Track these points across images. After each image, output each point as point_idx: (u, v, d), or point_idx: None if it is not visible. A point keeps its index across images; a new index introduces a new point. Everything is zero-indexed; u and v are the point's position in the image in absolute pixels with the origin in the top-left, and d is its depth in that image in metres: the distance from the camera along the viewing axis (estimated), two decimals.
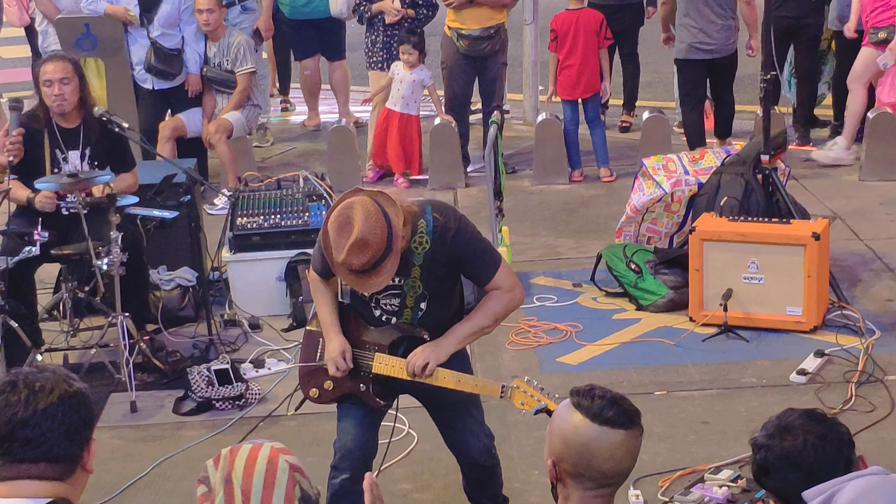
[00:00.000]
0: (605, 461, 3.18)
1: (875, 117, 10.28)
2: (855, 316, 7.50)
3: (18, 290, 7.09)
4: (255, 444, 3.10)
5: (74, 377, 3.05)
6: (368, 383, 5.00)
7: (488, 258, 4.89)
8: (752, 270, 7.44)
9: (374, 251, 4.53)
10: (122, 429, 6.65)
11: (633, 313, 7.86)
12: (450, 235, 4.78)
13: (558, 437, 3.22)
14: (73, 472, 2.97)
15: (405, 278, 4.82)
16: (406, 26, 10.66)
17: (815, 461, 3.40)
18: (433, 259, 4.79)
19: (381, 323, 4.98)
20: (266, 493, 2.97)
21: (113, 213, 6.87)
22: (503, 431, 6.16)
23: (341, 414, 5.15)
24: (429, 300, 4.90)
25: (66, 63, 7.18)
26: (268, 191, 8.33)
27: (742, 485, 5.53)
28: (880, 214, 9.44)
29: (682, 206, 8.42)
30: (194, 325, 7.84)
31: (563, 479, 3.24)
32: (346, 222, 4.53)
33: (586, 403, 3.21)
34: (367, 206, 4.55)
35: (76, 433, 2.96)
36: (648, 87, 13.10)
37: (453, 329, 4.93)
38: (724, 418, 6.45)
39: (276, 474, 2.99)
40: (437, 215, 4.79)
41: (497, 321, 5.00)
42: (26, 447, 2.91)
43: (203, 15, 10.08)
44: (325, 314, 5.03)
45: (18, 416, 2.91)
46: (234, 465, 3.05)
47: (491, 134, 8.49)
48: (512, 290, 4.92)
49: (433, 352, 4.86)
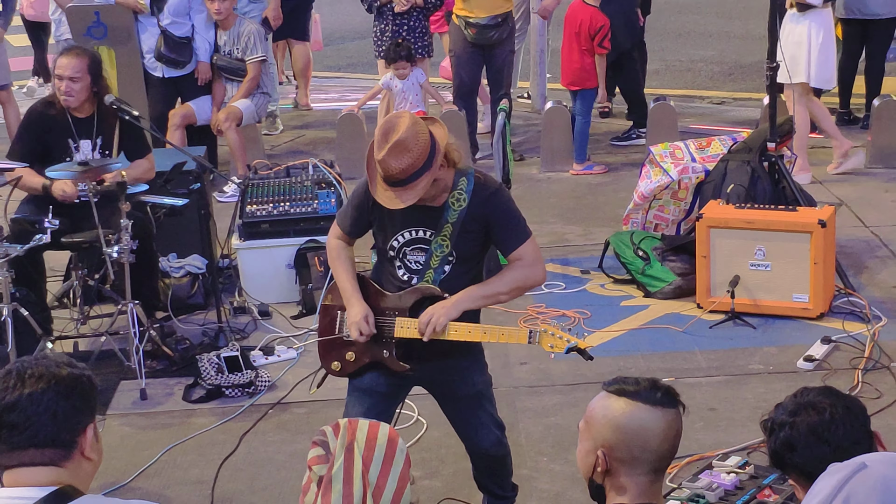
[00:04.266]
0: (662, 441, 3.14)
1: (880, 105, 10.26)
2: (861, 303, 7.47)
3: (29, 278, 7.08)
4: (372, 422, 3.18)
5: (76, 364, 3.02)
6: (391, 348, 4.93)
7: (520, 228, 4.89)
8: (759, 257, 7.40)
9: (414, 158, 4.59)
10: (131, 416, 6.62)
11: (640, 300, 7.84)
12: (487, 193, 4.82)
13: (608, 427, 3.16)
14: (70, 457, 2.95)
15: (436, 234, 4.81)
16: (414, 15, 10.60)
17: (843, 435, 3.34)
18: (467, 217, 4.80)
19: (402, 283, 4.93)
20: (385, 466, 3.06)
21: (123, 200, 6.83)
22: (512, 419, 6.13)
23: (349, 407, 5.09)
24: (453, 264, 4.86)
25: (80, 60, 7.12)
26: (277, 178, 8.30)
27: (750, 471, 5.49)
28: (886, 201, 9.41)
29: (689, 193, 8.39)
30: (204, 312, 7.82)
31: (613, 470, 3.17)
32: (392, 126, 4.64)
33: (632, 389, 3.19)
34: (416, 119, 4.69)
35: (65, 418, 2.93)
36: (655, 76, 13.04)
37: (469, 289, 4.86)
38: (732, 405, 6.42)
39: (394, 453, 3.09)
40: (479, 176, 4.87)
41: (513, 291, 4.93)
42: (13, 432, 2.90)
43: (214, 4, 10.07)
44: (344, 281, 4.98)
45: (5, 400, 2.91)
46: (355, 436, 3.14)
47: (499, 122, 8.47)
48: (534, 265, 4.88)
49: (445, 308, 4.80)
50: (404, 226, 4.84)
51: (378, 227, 4.92)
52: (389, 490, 2.99)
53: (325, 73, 14.88)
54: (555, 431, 6.20)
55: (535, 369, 6.89)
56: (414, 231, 4.84)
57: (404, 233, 4.85)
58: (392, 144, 4.58)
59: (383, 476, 3.02)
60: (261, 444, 6.27)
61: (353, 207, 4.97)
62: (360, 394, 5.05)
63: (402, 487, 3.01)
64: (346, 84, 14.25)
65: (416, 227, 4.83)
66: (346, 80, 14.58)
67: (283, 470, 5.98)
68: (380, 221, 4.89)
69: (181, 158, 7.67)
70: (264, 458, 6.13)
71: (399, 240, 4.86)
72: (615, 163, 10.73)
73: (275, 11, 11.33)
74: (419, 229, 4.84)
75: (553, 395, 6.58)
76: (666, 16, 15.88)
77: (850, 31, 11.16)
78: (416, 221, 4.82)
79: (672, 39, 15.44)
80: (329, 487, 3.06)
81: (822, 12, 9.78)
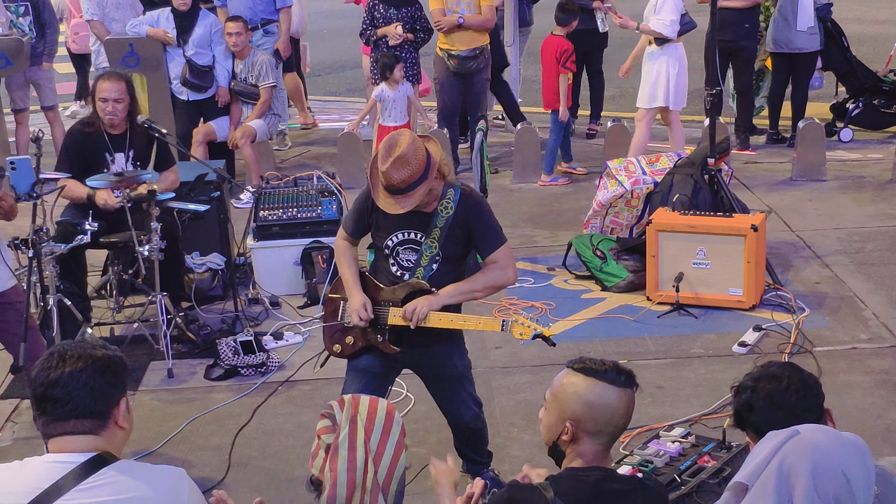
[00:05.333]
0: (622, 417, 3.19)
1: (804, 126, 10.26)
2: (788, 296, 7.47)
3: (72, 273, 7.06)
4: (372, 397, 3.19)
5: (108, 346, 3.04)
6: (385, 333, 4.95)
7: (497, 235, 4.90)
8: (700, 257, 7.41)
9: (413, 171, 4.60)
10: (160, 392, 6.60)
11: (598, 293, 7.83)
12: (471, 204, 4.85)
13: (579, 402, 3.17)
14: (106, 426, 2.95)
15: (426, 237, 4.81)
16: (405, 47, 10.58)
17: (795, 402, 3.33)
18: (453, 223, 4.80)
19: (395, 279, 4.92)
20: (384, 435, 3.07)
21: (153, 206, 6.81)
22: (487, 395, 6.12)
23: (347, 385, 5.08)
24: (440, 262, 4.86)
25: (121, 84, 7.08)
26: (286, 188, 8.28)
27: (692, 440, 5.48)
28: (809, 209, 9.41)
29: (640, 201, 8.39)
30: (222, 302, 7.79)
31: (579, 438, 3.18)
32: (395, 143, 4.65)
33: (598, 369, 3.20)
34: (414, 137, 4.70)
35: (101, 393, 2.95)
36: (612, 101, 13.03)
37: (449, 286, 4.88)
38: (676, 383, 6.42)
39: (392, 424, 3.11)
40: (465, 188, 4.89)
41: (486, 290, 4.95)
42: (56, 405, 2.92)
43: (232, 37, 10.06)
44: (347, 275, 4.99)
45: (49, 378, 2.93)
46: (358, 409, 3.14)
47: (477, 139, 8.45)
48: (506, 268, 4.89)
49: (428, 301, 4.81)
50: (399, 228, 4.84)
51: (376, 229, 4.93)
52: (388, 455, 3.00)
53: (327, 98, 14.82)
54: (525, 406, 6.20)
55: (507, 353, 6.88)
56: (407, 233, 4.84)
57: (398, 234, 4.85)
58: (395, 158, 4.59)
59: (382, 444, 3.03)
60: (271, 416, 6.25)
61: (355, 212, 4.97)
62: (357, 373, 5.05)
63: (399, 453, 3.02)
64: (344, 107, 14.20)
65: (409, 229, 4.83)
66: (344, 103, 14.53)
67: (291, 438, 5.97)
68: (377, 224, 4.90)
69: (203, 170, 7.66)
70: (274, 428, 6.11)
71: (393, 240, 4.86)
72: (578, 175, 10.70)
73: (284, 44, 11.28)
74: (411, 231, 4.84)
75: (523, 375, 6.57)
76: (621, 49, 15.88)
77: (778, 63, 11.18)
78: (408, 225, 4.82)
79: None
80: (336, 454, 3.07)
81: (676, 46, 9.83)
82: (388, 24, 10.57)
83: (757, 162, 10.78)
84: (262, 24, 10.98)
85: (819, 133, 10.24)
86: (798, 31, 10.87)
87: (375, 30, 10.68)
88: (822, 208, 9.40)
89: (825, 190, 9.91)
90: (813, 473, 2.95)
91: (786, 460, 2.99)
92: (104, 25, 10.84)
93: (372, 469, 3.01)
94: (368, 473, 3.01)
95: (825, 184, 10.06)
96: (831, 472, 2.99)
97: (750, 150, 11.14)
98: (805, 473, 2.95)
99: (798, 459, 2.99)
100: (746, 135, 11.26)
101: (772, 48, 11.09)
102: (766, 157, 10.97)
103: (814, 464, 2.97)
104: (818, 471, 2.96)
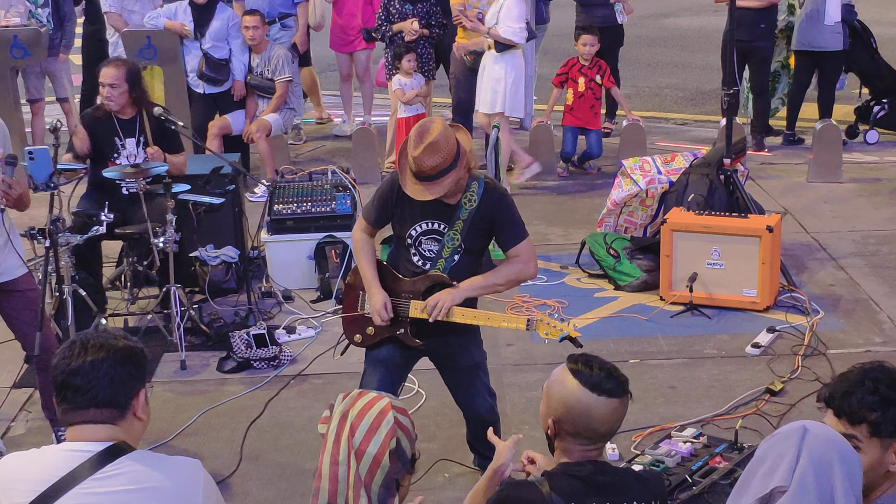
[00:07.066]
0: (601, 424, 3.18)
1: (821, 127, 10.21)
2: (802, 298, 7.47)
3: (87, 263, 7.11)
4: (378, 395, 3.18)
5: (129, 337, 3.05)
6: (406, 326, 4.96)
7: (519, 228, 4.92)
8: (715, 257, 7.41)
9: (444, 158, 4.61)
10: (173, 383, 6.63)
11: (611, 292, 7.83)
12: (495, 197, 4.85)
13: (560, 403, 3.19)
14: (124, 416, 2.97)
15: (448, 228, 4.81)
16: (421, 42, 10.59)
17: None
18: (476, 215, 4.81)
19: (416, 269, 4.92)
20: (368, 434, 3.05)
21: (168, 198, 6.84)
22: (499, 392, 6.09)
23: (366, 375, 5.10)
24: (462, 254, 4.86)
25: (118, 70, 7.21)
26: (301, 182, 8.29)
27: (703, 441, 5.50)
28: (824, 211, 9.39)
29: (655, 201, 8.39)
30: (236, 295, 7.81)
31: (561, 436, 3.21)
32: (426, 129, 4.65)
33: (586, 372, 3.19)
34: (445, 125, 4.70)
35: (121, 383, 2.96)
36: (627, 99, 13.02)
37: (470, 280, 4.89)
38: (689, 384, 6.42)
39: (381, 423, 3.07)
40: (489, 181, 4.89)
41: (508, 283, 4.97)
42: (77, 394, 2.93)
43: (249, 31, 10.07)
44: (366, 270, 4.97)
45: (70, 366, 2.94)
46: (354, 405, 3.13)
47: (492, 136, 8.46)
48: (527, 263, 4.91)
49: (450, 295, 4.82)
50: (423, 217, 4.84)
51: (398, 218, 4.91)
52: (369, 454, 3.02)
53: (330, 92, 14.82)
54: (536, 403, 6.12)
55: (519, 350, 6.90)
56: (430, 223, 4.85)
57: (422, 223, 4.85)
58: (427, 145, 4.59)
59: (365, 442, 3.03)
60: (283, 410, 6.28)
61: (378, 200, 4.94)
62: (377, 363, 5.07)
63: (382, 454, 3.03)
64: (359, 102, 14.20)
65: (433, 219, 4.84)
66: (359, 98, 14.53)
67: (302, 432, 6.00)
68: (401, 213, 4.89)
69: (219, 163, 7.69)
70: (286, 422, 6.14)
71: (417, 230, 4.86)
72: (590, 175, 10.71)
73: (302, 38, 11.32)
74: (435, 222, 4.84)
75: (535, 373, 6.58)
76: (637, 48, 15.87)
77: (801, 63, 11.08)
78: (432, 215, 4.82)
79: (642, 69, 15.42)
80: (324, 446, 3.11)
81: (516, 53, 9.80)
82: (403, 20, 10.58)
83: (773, 163, 10.76)
84: (280, 18, 11.02)
85: (836, 134, 10.20)
86: (824, 28, 10.69)
87: (391, 25, 10.70)
88: (837, 210, 9.39)
89: (841, 192, 9.89)
90: (841, 461, 2.98)
91: (814, 452, 3.00)
92: (122, 17, 10.86)
93: (354, 465, 3.03)
94: (351, 468, 3.03)
95: (841, 186, 10.03)
96: (852, 456, 3.03)
97: (766, 150, 11.12)
98: (836, 463, 2.98)
99: (825, 449, 3.00)
100: (762, 136, 11.24)
101: (795, 46, 11.01)
102: (782, 158, 10.94)
103: (839, 453, 3.00)
104: (844, 457, 3.00)
